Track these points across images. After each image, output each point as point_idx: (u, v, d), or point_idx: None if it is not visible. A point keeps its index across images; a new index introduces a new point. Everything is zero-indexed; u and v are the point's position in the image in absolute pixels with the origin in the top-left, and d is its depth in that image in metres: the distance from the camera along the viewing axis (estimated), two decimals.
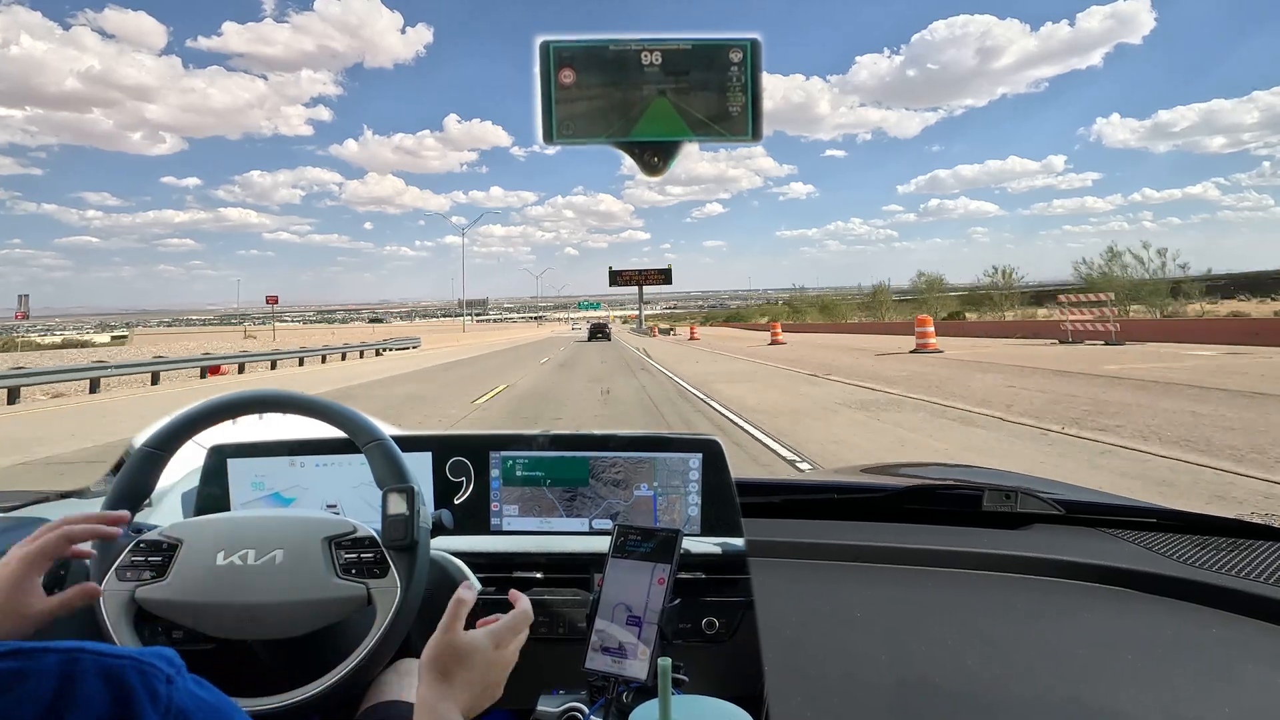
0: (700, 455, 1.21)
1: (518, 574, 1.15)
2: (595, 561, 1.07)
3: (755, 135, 0.67)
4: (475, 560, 1.16)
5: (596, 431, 1.27)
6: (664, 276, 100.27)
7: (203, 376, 17.36)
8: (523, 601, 0.77)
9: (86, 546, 0.82)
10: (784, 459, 5.59)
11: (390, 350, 30.17)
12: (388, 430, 0.95)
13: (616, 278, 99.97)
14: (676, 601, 0.83)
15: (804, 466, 5.47)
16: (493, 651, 0.71)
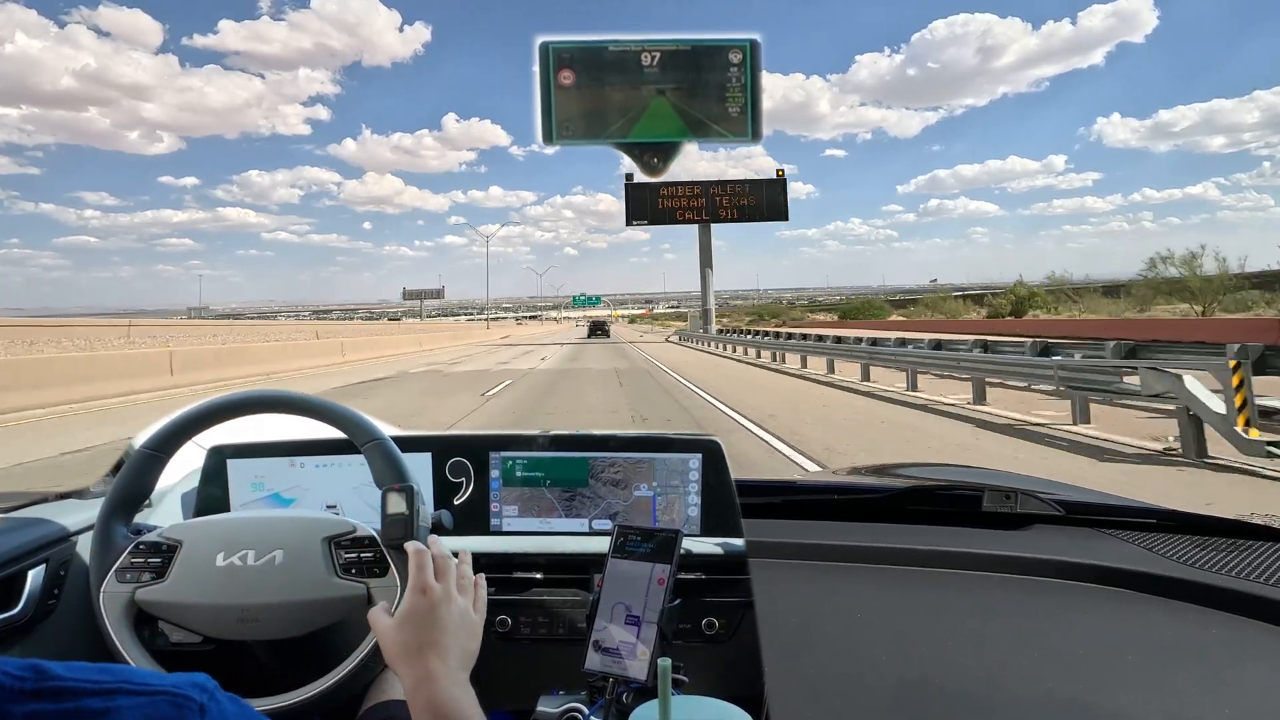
0: (700, 455, 1.21)
1: (517, 574, 1.15)
2: (595, 562, 1.07)
3: (755, 135, 0.67)
4: (475, 560, 1.16)
5: (596, 432, 1.27)
6: (770, 201, 35.61)
7: None
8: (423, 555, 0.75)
9: (86, 545, 0.81)
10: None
11: None
12: (387, 430, 0.95)
13: (649, 203, 35.14)
14: (676, 602, 0.83)
15: (811, 467, 5.47)
16: (474, 613, 0.73)
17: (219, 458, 1.26)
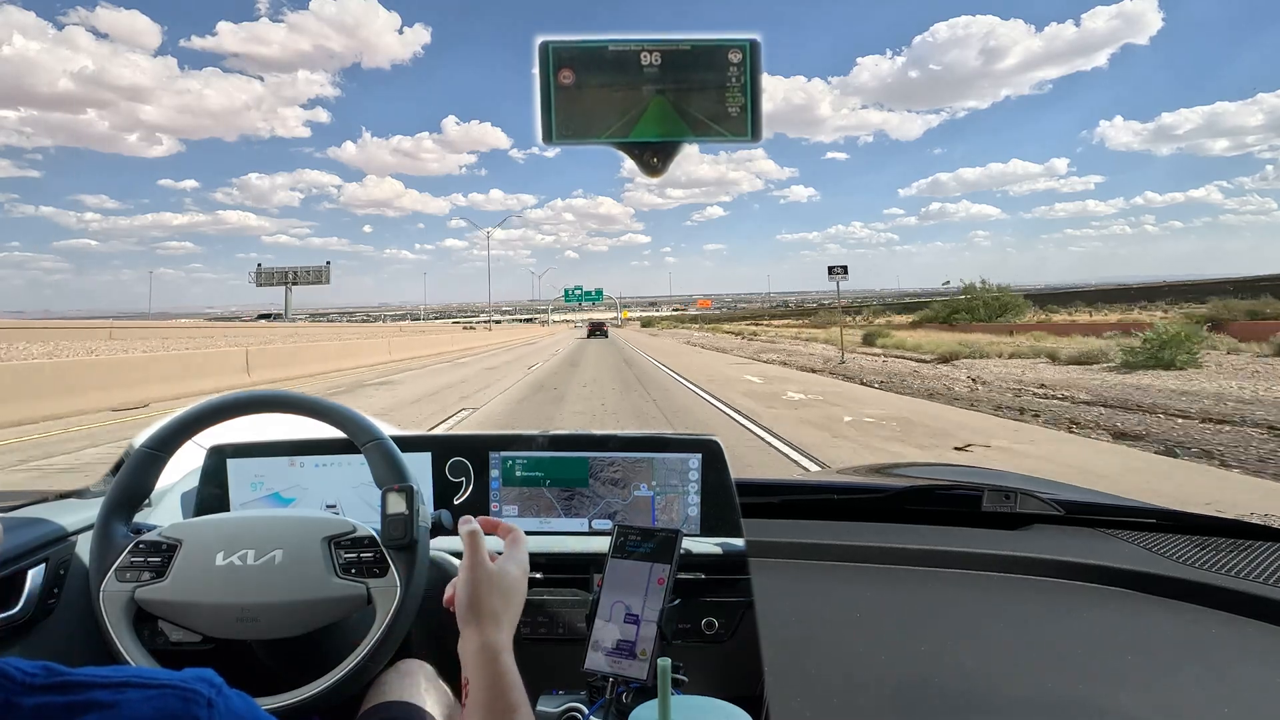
0: (700, 455, 1.21)
1: None
2: (595, 561, 1.07)
3: (755, 136, 0.67)
4: None
5: (596, 431, 1.27)
6: None
7: None
8: (507, 529, 0.82)
9: (86, 545, 0.82)
10: None
11: None
12: (387, 430, 0.95)
13: None
14: (676, 601, 0.83)
15: (811, 466, 5.47)
16: (519, 575, 0.79)
17: (219, 457, 1.26)
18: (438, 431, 1.39)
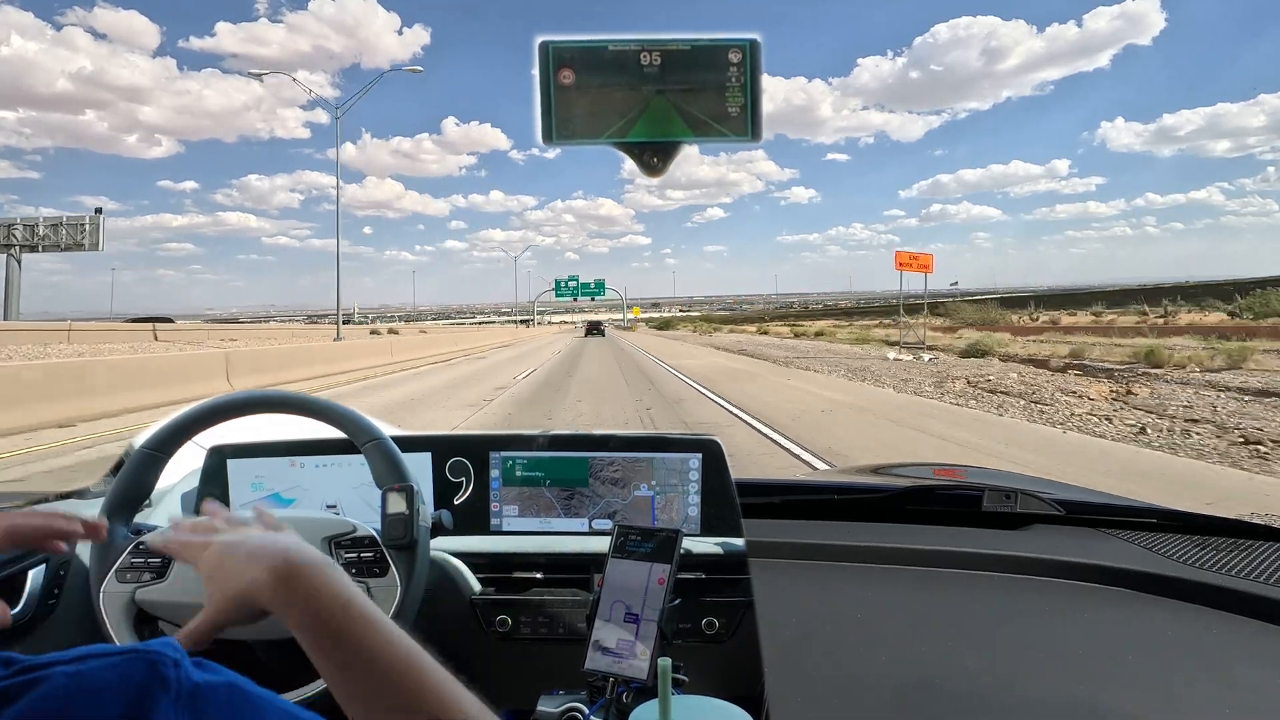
0: (700, 455, 1.21)
1: (517, 574, 1.15)
2: (595, 561, 1.07)
3: (755, 135, 0.67)
4: (475, 560, 1.16)
5: (596, 431, 1.27)
6: None
7: None
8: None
9: (86, 545, 0.81)
10: None
11: None
12: (387, 430, 0.95)
13: None
14: (676, 601, 0.83)
15: (820, 465, 5.48)
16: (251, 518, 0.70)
17: (219, 458, 1.26)
18: (437, 432, 1.39)
